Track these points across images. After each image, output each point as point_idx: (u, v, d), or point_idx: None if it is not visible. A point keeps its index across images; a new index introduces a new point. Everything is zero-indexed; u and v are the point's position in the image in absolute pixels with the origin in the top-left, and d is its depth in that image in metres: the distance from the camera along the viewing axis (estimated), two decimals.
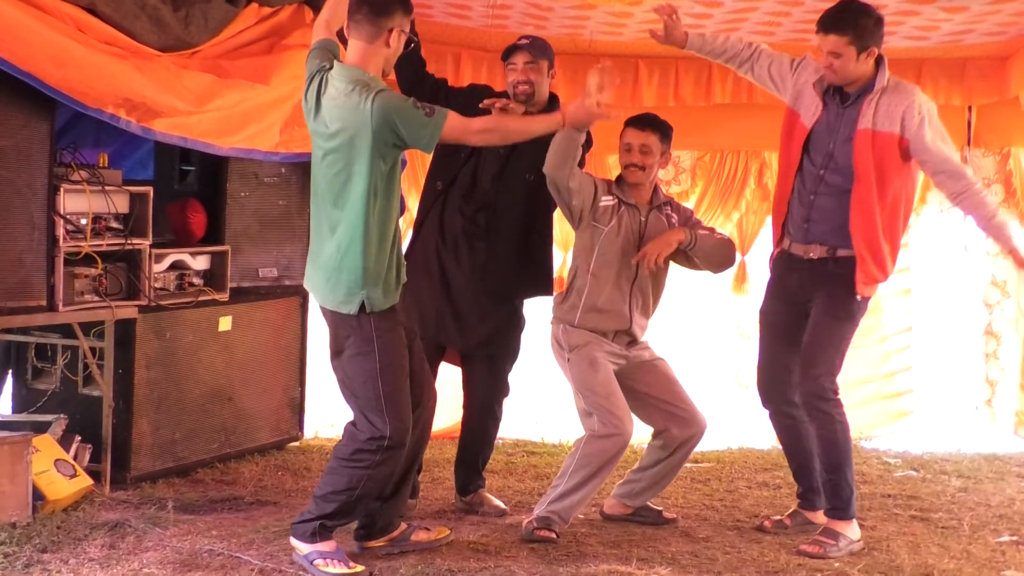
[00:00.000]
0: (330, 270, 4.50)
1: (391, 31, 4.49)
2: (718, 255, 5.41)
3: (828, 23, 4.97)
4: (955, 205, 5.20)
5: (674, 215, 5.39)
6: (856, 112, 5.06)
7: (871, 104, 5.02)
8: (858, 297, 5.12)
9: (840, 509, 5.16)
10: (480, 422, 5.65)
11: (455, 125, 4.42)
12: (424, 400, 4.82)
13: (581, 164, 5.25)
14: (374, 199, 4.42)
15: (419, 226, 5.55)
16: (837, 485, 5.16)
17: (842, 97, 5.12)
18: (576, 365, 5.20)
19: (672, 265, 5.46)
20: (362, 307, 4.46)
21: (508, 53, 5.45)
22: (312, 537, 4.56)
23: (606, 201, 5.25)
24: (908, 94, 5.04)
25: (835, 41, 4.95)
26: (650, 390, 5.31)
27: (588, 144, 5.24)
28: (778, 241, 5.41)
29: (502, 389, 5.65)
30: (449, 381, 5.93)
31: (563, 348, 5.28)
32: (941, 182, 5.08)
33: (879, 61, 5.04)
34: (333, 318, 4.60)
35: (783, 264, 5.33)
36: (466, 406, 5.69)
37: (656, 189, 5.39)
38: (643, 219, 5.29)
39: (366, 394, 4.54)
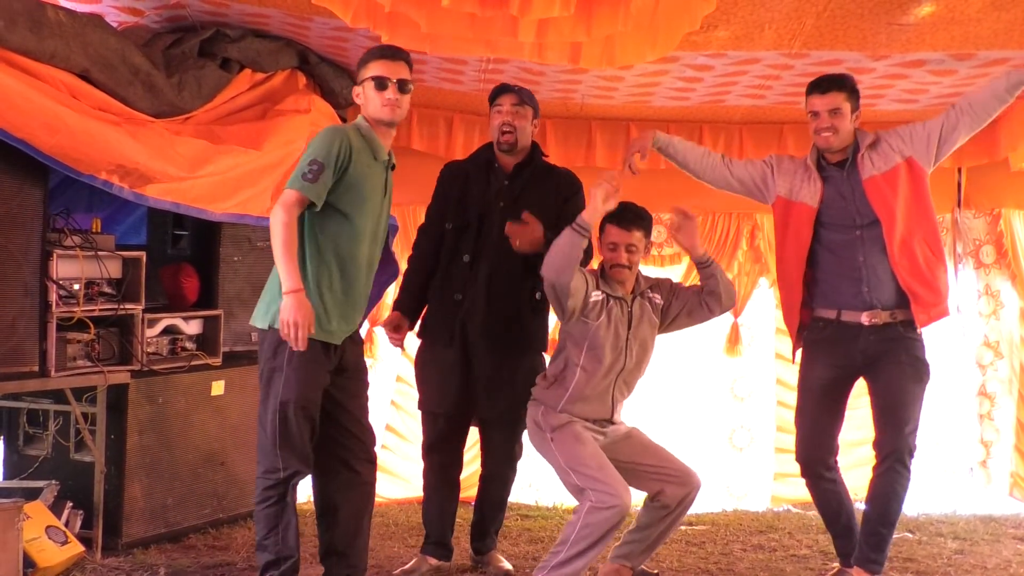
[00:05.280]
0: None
1: (362, 85, 4.68)
2: (726, 279, 5.36)
3: (826, 84, 5.21)
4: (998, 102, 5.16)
5: (655, 296, 5.35)
6: (856, 170, 5.19)
7: (865, 159, 5.19)
8: (921, 338, 5.18)
9: (878, 564, 5.16)
10: (497, 486, 5.71)
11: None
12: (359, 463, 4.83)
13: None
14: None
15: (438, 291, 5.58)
16: (885, 540, 5.17)
17: (839, 164, 5.24)
18: (562, 443, 5.13)
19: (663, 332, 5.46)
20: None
21: (495, 94, 5.55)
22: None
23: (595, 296, 5.18)
24: (886, 136, 5.26)
25: (835, 97, 5.15)
26: (637, 459, 5.27)
27: (588, 255, 5.34)
28: (796, 335, 5.43)
29: (517, 453, 5.71)
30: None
31: (543, 429, 5.20)
32: (968, 112, 5.17)
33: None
34: None
35: (831, 333, 5.28)
36: (484, 467, 5.74)
37: (638, 277, 5.34)
38: (630, 309, 5.26)
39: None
